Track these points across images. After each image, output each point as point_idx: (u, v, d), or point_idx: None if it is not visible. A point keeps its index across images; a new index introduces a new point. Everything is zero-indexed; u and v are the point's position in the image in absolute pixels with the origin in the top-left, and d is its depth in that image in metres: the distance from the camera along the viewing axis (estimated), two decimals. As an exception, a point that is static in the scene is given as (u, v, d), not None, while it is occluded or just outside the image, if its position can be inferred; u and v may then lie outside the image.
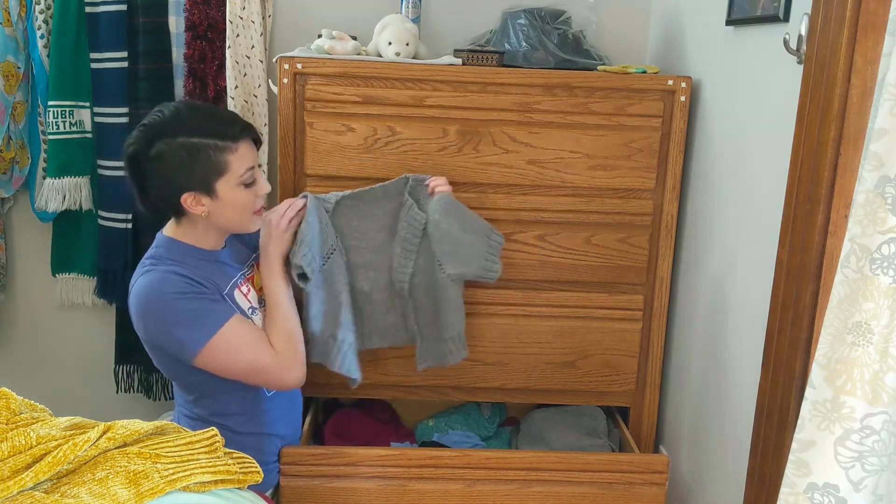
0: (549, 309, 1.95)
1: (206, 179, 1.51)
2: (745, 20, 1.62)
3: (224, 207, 1.54)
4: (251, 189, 1.57)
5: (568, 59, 1.93)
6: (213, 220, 1.56)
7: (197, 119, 1.53)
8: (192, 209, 1.53)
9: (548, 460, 1.78)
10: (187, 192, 1.51)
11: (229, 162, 1.52)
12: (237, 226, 1.61)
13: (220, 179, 1.52)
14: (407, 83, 1.84)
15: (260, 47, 2.14)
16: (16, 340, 2.46)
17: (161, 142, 1.49)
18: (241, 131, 1.55)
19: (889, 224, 0.97)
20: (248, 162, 1.55)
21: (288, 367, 1.59)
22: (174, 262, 1.54)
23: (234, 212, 1.56)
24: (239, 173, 1.53)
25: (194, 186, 1.51)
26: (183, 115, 1.53)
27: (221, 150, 1.51)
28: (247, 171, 1.54)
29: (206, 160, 1.50)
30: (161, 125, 1.51)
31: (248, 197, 1.56)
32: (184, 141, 1.49)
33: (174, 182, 1.50)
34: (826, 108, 1.25)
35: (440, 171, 1.87)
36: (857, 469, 1.02)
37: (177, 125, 1.51)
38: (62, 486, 1.06)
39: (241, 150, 1.54)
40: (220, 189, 1.52)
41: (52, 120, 2.18)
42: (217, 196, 1.52)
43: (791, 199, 1.36)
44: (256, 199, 1.59)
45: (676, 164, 1.90)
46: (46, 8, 2.17)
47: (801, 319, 1.32)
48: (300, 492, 1.75)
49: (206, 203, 1.53)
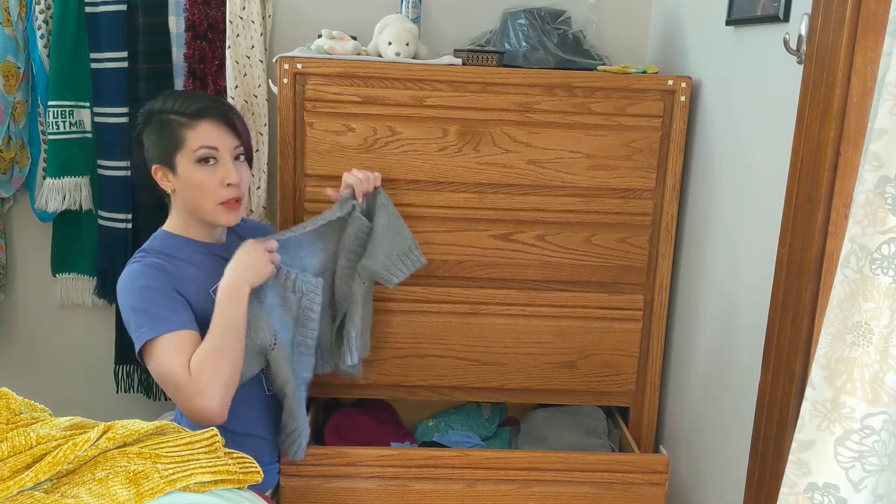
0: (549, 309, 1.95)
1: (168, 152, 1.57)
2: (745, 20, 1.62)
3: (184, 185, 1.58)
4: (209, 169, 1.55)
5: (568, 59, 1.93)
6: (180, 199, 1.60)
7: (175, 99, 1.60)
8: (161, 183, 1.60)
9: (548, 460, 1.78)
10: (156, 165, 1.59)
11: (186, 137, 1.56)
12: (201, 210, 1.58)
13: (178, 153, 1.56)
14: (407, 83, 1.84)
15: (260, 47, 2.14)
16: (16, 340, 2.46)
17: (149, 120, 1.60)
18: (203, 109, 1.57)
19: (889, 224, 0.97)
20: (205, 140, 1.56)
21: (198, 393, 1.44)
22: (164, 255, 1.57)
23: (192, 191, 1.57)
24: (193, 148, 1.55)
25: (159, 160, 1.58)
26: (171, 95, 1.62)
27: (183, 126, 1.56)
28: (200, 148, 1.55)
29: (169, 133, 1.56)
30: (151, 105, 1.62)
31: (204, 177, 1.55)
32: (161, 117, 1.58)
33: (148, 158, 1.61)
34: (826, 108, 1.25)
35: (440, 171, 1.87)
36: (857, 469, 1.02)
37: (163, 105, 1.59)
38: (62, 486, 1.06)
39: (200, 128, 1.56)
40: (179, 164, 1.57)
41: (52, 120, 2.18)
42: (177, 171, 1.57)
43: (791, 199, 1.36)
44: (220, 187, 1.56)
45: (676, 164, 1.90)
46: (46, 8, 2.17)
47: (801, 319, 1.32)
48: (300, 492, 1.75)
49: (172, 179, 1.58)
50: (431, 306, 1.94)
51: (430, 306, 1.94)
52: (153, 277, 1.52)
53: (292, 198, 1.90)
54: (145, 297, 1.51)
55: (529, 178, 1.88)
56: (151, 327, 1.47)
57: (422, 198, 1.88)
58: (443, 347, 1.96)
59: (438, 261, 1.92)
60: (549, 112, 1.85)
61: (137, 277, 1.53)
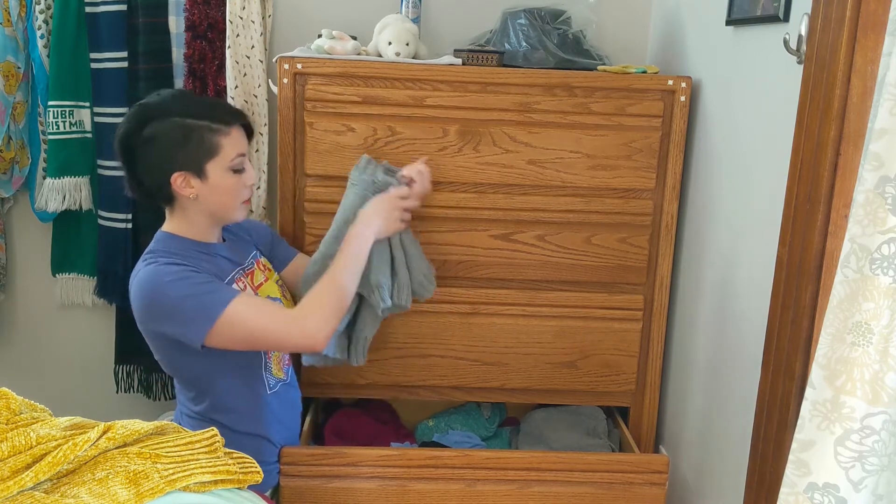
0: (550, 309, 1.95)
1: (199, 160, 1.54)
2: (745, 20, 1.62)
3: (212, 191, 1.56)
4: (239, 176, 1.59)
5: (568, 59, 1.93)
6: (202, 204, 1.58)
7: (191, 103, 1.58)
8: (182, 191, 1.55)
9: (548, 460, 1.78)
10: (178, 172, 1.53)
11: (222, 144, 1.55)
12: (223, 212, 1.61)
13: (211, 161, 1.54)
14: (407, 83, 1.84)
15: (260, 47, 2.14)
16: (16, 340, 2.46)
17: (155, 122, 1.53)
18: (234, 116, 1.59)
19: (889, 224, 0.97)
20: (239, 147, 1.58)
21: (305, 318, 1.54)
22: (172, 254, 1.55)
23: (221, 196, 1.58)
24: (230, 157, 1.56)
25: (185, 167, 1.53)
26: (178, 98, 1.59)
27: (215, 132, 1.54)
28: (237, 157, 1.58)
29: (199, 141, 1.53)
30: (155, 106, 1.55)
31: (235, 183, 1.59)
32: (178, 121, 1.53)
33: (166, 162, 1.53)
34: (826, 108, 1.25)
35: (440, 171, 1.87)
36: (857, 469, 1.02)
37: (171, 107, 1.55)
38: (62, 486, 1.06)
39: (233, 135, 1.57)
40: (211, 171, 1.55)
41: (52, 120, 2.18)
42: (207, 178, 1.55)
43: (791, 199, 1.36)
44: (244, 187, 1.61)
45: (676, 164, 1.90)
46: (46, 8, 2.17)
47: (801, 319, 1.32)
48: (300, 492, 1.75)
49: (196, 185, 1.55)
50: (431, 306, 1.94)
51: (430, 306, 1.94)
52: (175, 271, 1.52)
53: (292, 198, 1.90)
54: (184, 285, 1.50)
55: (529, 178, 1.88)
56: (213, 304, 1.48)
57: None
58: (443, 347, 1.96)
59: (438, 261, 1.91)
60: (549, 112, 1.85)
61: (162, 274, 1.51)
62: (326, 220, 1.88)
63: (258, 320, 1.51)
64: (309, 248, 1.90)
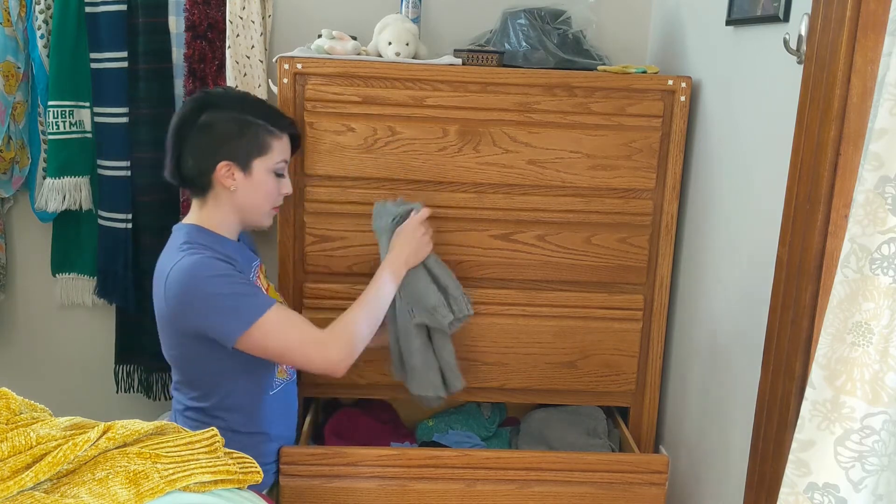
0: (550, 309, 1.95)
1: (248, 154, 1.60)
2: (745, 20, 1.62)
3: (252, 188, 1.61)
4: (279, 181, 1.66)
5: (568, 59, 1.93)
6: (237, 199, 1.62)
7: (253, 102, 1.67)
8: (223, 181, 1.59)
9: (548, 460, 1.78)
10: (225, 162, 1.58)
11: (272, 146, 1.63)
12: (254, 212, 1.65)
13: (259, 159, 1.61)
14: (407, 83, 1.84)
15: (260, 47, 2.14)
16: (16, 340, 2.46)
17: (215, 110, 1.60)
18: (288, 124, 1.69)
19: (889, 224, 0.97)
20: (285, 154, 1.67)
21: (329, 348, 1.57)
22: (205, 248, 1.57)
23: (257, 195, 1.63)
24: (276, 160, 1.64)
25: (234, 158, 1.59)
26: (241, 95, 1.70)
27: (268, 133, 1.62)
28: (282, 161, 1.65)
29: (253, 136, 1.60)
30: (218, 96, 1.65)
31: (274, 186, 1.65)
32: (237, 115, 1.61)
33: (217, 150, 1.59)
34: (826, 108, 1.25)
35: (440, 171, 1.87)
36: (857, 469, 1.02)
37: (233, 100, 1.65)
38: (62, 486, 1.06)
39: (283, 141, 1.66)
40: (256, 168, 1.61)
41: (52, 120, 2.18)
42: (251, 174, 1.61)
43: (791, 199, 1.36)
44: (279, 194, 1.67)
45: (676, 164, 1.90)
46: (46, 8, 2.17)
47: (801, 319, 1.32)
48: (300, 491, 1.75)
49: (238, 178, 1.60)
50: (431, 306, 1.94)
51: (430, 306, 1.94)
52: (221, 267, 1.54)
53: (292, 198, 1.89)
54: (227, 282, 1.52)
55: (529, 178, 1.88)
56: (253, 307, 1.51)
57: (422, 198, 1.88)
58: (443, 347, 1.96)
59: (438, 261, 1.92)
60: (549, 112, 1.85)
61: (206, 267, 1.53)
62: (326, 221, 1.88)
63: (290, 335, 1.55)
64: (309, 248, 1.90)
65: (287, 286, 1.93)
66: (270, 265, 1.93)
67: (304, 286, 1.94)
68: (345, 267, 1.92)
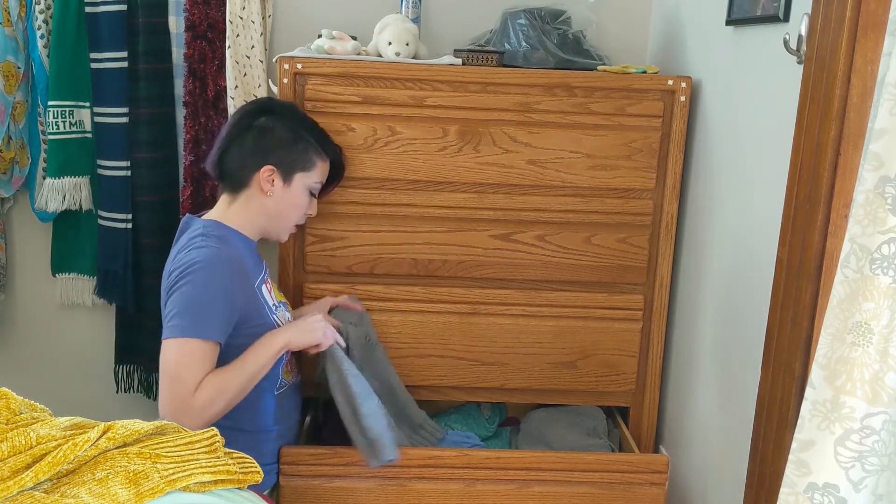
0: (550, 309, 1.95)
1: (293, 165, 1.66)
2: (745, 20, 1.62)
3: (286, 198, 1.67)
4: (310, 200, 1.72)
5: (568, 59, 1.93)
6: (269, 204, 1.66)
7: (310, 122, 1.74)
8: (262, 183, 1.64)
9: (548, 460, 1.78)
10: (270, 166, 1.63)
11: (317, 165, 1.70)
12: (279, 222, 1.70)
13: (302, 173, 1.67)
14: (407, 83, 1.84)
15: (260, 47, 2.14)
16: (16, 340, 2.46)
17: (274, 117, 1.67)
18: (337, 152, 1.78)
19: (889, 224, 0.97)
20: (324, 177, 1.74)
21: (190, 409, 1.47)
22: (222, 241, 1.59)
23: (289, 207, 1.69)
24: (315, 179, 1.71)
25: (280, 165, 1.64)
26: (301, 113, 1.76)
27: (317, 153, 1.69)
28: (319, 182, 1.72)
29: (303, 151, 1.67)
30: (280, 107, 1.72)
31: (305, 203, 1.71)
32: (294, 127, 1.68)
33: (266, 153, 1.64)
34: (826, 108, 1.25)
35: (440, 171, 1.87)
36: (857, 469, 1.02)
37: (293, 114, 1.71)
38: (62, 486, 1.06)
39: (326, 164, 1.73)
40: (296, 180, 1.67)
41: (52, 120, 2.18)
42: (290, 185, 1.66)
43: (791, 199, 1.36)
44: (304, 213, 1.74)
45: (676, 164, 1.90)
46: (46, 8, 2.17)
47: (801, 319, 1.32)
48: (300, 491, 1.75)
49: (277, 186, 1.65)
50: (431, 306, 1.94)
51: (430, 306, 1.94)
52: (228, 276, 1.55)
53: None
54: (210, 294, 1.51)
55: (529, 178, 1.88)
56: (193, 325, 1.49)
57: (422, 198, 1.88)
58: (443, 347, 1.96)
59: (438, 261, 1.92)
60: (549, 112, 1.85)
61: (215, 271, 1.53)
62: (326, 221, 1.88)
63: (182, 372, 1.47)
64: (309, 248, 1.90)
65: (287, 286, 1.93)
66: (271, 265, 1.93)
67: (304, 286, 1.94)
68: (345, 267, 1.92)
